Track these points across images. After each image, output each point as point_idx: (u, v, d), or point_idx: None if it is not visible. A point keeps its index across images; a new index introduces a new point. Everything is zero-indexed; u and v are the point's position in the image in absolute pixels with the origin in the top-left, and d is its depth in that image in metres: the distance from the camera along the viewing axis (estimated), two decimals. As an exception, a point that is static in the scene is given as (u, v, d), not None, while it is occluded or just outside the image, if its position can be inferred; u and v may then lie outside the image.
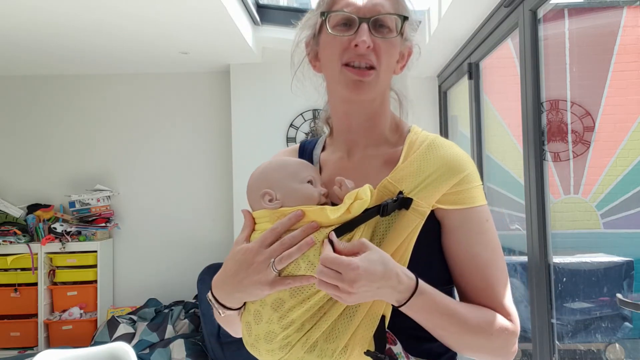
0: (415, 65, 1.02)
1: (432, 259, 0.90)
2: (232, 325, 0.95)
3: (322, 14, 0.92)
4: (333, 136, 1.02)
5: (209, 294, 0.90)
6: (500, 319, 0.85)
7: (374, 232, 0.84)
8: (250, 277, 0.81)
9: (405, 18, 0.92)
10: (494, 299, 0.87)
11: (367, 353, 0.80)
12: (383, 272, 0.76)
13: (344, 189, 0.87)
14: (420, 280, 0.81)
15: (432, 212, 0.88)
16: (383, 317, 0.82)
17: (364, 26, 0.88)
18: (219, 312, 0.89)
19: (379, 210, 0.83)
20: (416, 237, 0.85)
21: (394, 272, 0.77)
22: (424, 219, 0.86)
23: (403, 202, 0.85)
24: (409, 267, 0.82)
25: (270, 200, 0.88)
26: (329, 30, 0.91)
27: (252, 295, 0.83)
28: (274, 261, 0.79)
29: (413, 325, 0.83)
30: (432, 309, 0.81)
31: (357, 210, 0.82)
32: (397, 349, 0.82)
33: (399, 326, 0.84)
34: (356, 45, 0.87)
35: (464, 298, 0.90)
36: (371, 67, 0.89)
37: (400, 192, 0.85)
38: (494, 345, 0.84)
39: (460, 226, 0.88)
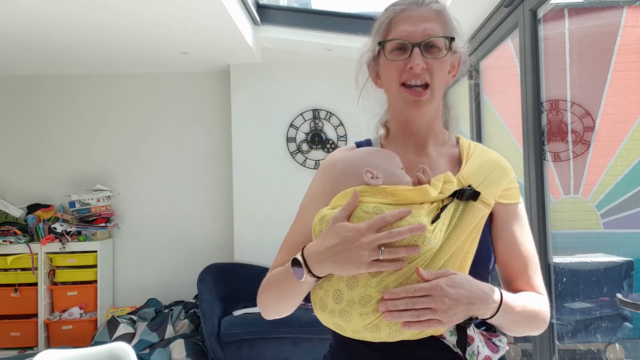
0: (465, 70, 1.18)
1: (489, 247, 1.03)
2: (292, 297, 1.01)
3: (379, 43, 1.06)
4: (390, 138, 1.14)
5: (298, 255, 0.95)
6: (545, 300, 1.04)
7: (451, 219, 0.95)
8: (351, 253, 0.88)
9: (452, 39, 1.05)
10: (536, 281, 1.05)
11: (458, 324, 0.90)
12: (469, 289, 0.88)
13: (426, 175, 0.99)
14: (502, 292, 0.94)
15: None
16: None
17: (417, 50, 1.01)
18: (299, 276, 0.94)
19: (457, 194, 0.96)
20: (482, 227, 0.98)
21: (479, 288, 0.90)
22: (490, 210, 1.00)
23: (474, 193, 0.98)
24: (476, 254, 0.96)
25: (371, 177, 0.97)
26: (386, 56, 1.04)
27: (345, 270, 0.90)
28: (382, 250, 0.87)
29: None
30: (513, 314, 0.95)
31: (448, 191, 0.95)
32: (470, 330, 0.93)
33: None
34: (411, 68, 1.01)
35: (510, 280, 1.05)
36: (426, 85, 1.02)
37: (470, 186, 0.99)
38: (545, 321, 1.03)
39: (514, 217, 1.06)
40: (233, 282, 3.97)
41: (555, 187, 3.24)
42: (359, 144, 1.16)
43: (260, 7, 3.91)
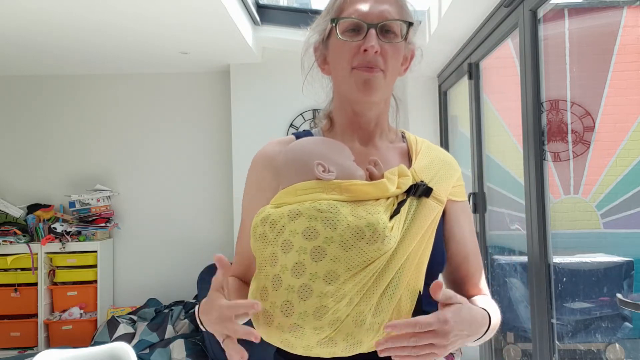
0: (418, 67, 1.08)
1: (442, 247, 0.98)
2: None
3: (332, 20, 0.97)
4: (335, 130, 1.06)
5: (196, 309, 0.92)
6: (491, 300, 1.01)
7: (406, 217, 0.88)
8: (212, 328, 0.85)
9: (410, 24, 0.98)
10: (482, 282, 1.03)
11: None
12: (470, 321, 0.83)
13: (378, 168, 0.92)
14: (490, 313, 0.90)
15: None
16: (420, 293, 0.86)
17: (372, 32, 0.94)
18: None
19: (411, 190, 0.91)
20: (436, 226, 0.92)
21: (476, 318, 0.85)
22: (443, 208, 0.95)
23: (427, 189, 0.92)
24: (431, 254, 0.90)
25: (323, 171, 0.89)
26: (339, 36, 0.96)
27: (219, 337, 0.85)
28: (223, 340, 0.83)
29: (434, 306, 0.90)
30: (492, 332, 0.92)
31: (404, 185, 0.90)
32: None
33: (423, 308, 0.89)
34: (365, 50, 0.93)
35: (461, 282, 1.01)
36: (378, 68, 0.95)
37: (422, 181, 0.93)
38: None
39: (463, 215, 1.02)
40: (233, 282, 3.96)
41: (555, 187, 3.24)
42: (297, 135, 1.07)
43: (260, 7, 3.91)
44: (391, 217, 0.85)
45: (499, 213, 3.06)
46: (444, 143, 3.87)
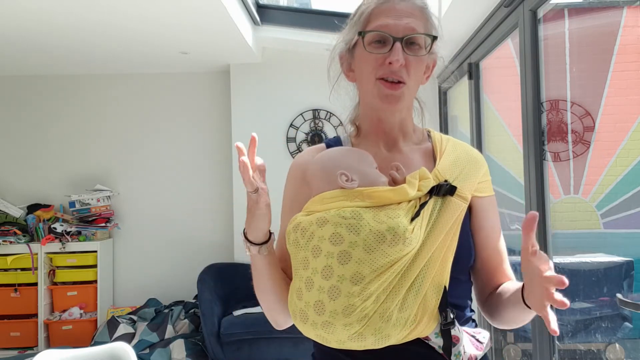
0: (440, 72, 1.13)
1: (469, 241, 1.01)
2: (264, 285, 1.01)
3: (360, 32, 1.01)
4: (361, 136, 1.10)
5: (243, 230, 1.00)
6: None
7: (430, 217, 0.93)
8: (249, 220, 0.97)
9: (434, 38, 1.02)
10: (510, 271, 1.07)
11: (443, 325, 0.90)
12: None
13: (400, 172, 0.98)
14: None
15: None
16: (445, 288, 0.91)
17: (398, 45, 0.97)
18: (246, 249, 0.99)
19: (434, 190, 0.94)
20: (461, 223, 0.96)
21: None
22: (467, 205, 0.98)
23: (451, 188, 0.96)
24: (457, 250, 0.94)
25: (346, 180, 0.94)
26: (366, 49, 1.00)
27: (256, 230, 0.96)
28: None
29: (460, 299, 0.99)
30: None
31: (425, 188, 0.94)
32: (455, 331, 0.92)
33: (450, 301, 0.93)
34: (390, 63, 0.97)
35: (491, 274, 1.05)
36: (401, 82, 0.99)
37: (446, 181, 0.97)
38: None
39: (490, 209, 1.05)
40: (233, 282, 3.97)
41: (555, 187, 3.24)
42: (328, 143, 1.13)
43: (260, 7, 3.91)
44: (412, 219, 0.90)
45: (499, 213, 3.05)
46: (444, 143, 3.87)
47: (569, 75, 3.23)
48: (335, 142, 1.13)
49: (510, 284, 1.01)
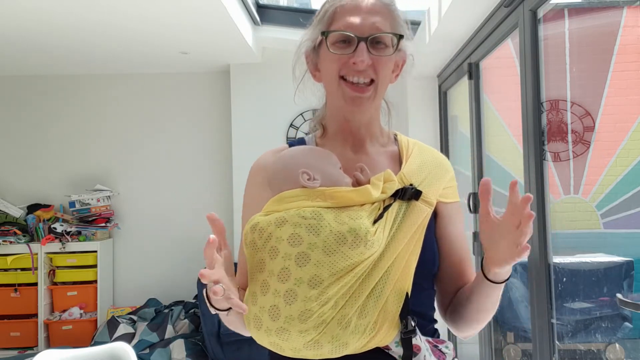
0: (410, 71, 1.08)
1: (434, 247, 0.98)
2: (236, 324, 0.97)
3: (323, 33, 0.97)
4: (327, 136, 1.07)
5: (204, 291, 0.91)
6: None
7: (394, 221, 0.89)
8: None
9: (401, 36, 0.97)
10: (473, 275, 1.03)
11: (403, 333, 0.85)
12: None
13: (365, 174, 0.94)
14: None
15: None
16: (406, 295, 0.87)
17: (362, 45, 0.93)
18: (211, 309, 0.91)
19: (399, 194, 0.92)
20: (425, 229, 0.93)
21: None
22: (432, 210, 0.95)
23: (416, 192, 0.93)
24: (421, 256, 0.91)
25: (308, 179, 0.91)
26: (329, 49, 0.96)
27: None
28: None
29: (423, 307, 0.96)
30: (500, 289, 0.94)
31: (390, 190, 0.91)
32: (416, 340, 0.88)
33: (412, 308, 0.89)
34: (354, 63, 0.93)
35: (457, 278, 1.02)
36: (371, 81, 0.96)
37: (411, 185, 0.94)
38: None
39: (456, 216, 1.03)
40: (233, 282, 3.96)
41: (555, 187, 3.24)
42: (291, 144, 1.09)
43: (260, 7, 3.91)
44: (375, 222, 0.86)
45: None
46: (444, 143, 3.88)
47: (569, 75, 3.23)
48: (300, 142, 1.10)
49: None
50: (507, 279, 0.92)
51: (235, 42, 3.76)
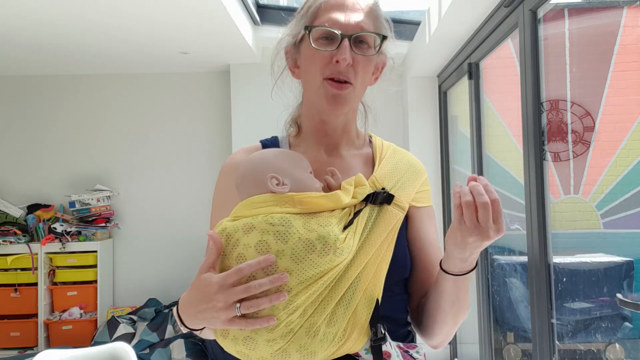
0: (390, 74, 1.06)
1: (406, 252, 0.97)
2: (209, 334, 0.94)
3: (306, 27, 0.96)
4: (301, 136, 1.05)
5: (175, 309, 0.90)
6: None
7: (364, 226, 0.88)
8: (209, 312, 0.80)
9: (384, 37, 0.96)
10: None
11: (373, 341, 0.83)
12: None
13: (336, 178, 0.93)
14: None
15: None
16: (377, 301, 0.85)
17: (346, 43, 0.92)
18: (182, 328, 0.89)
19: (370, 198, 0.89)
20: (397, 233, 0.91)
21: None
22: (404, 214, 0.94)
23: (388, 197, 0.91)
24: (392, 261, 0.89)
25: (277, 184, 0.89)
26: (312, 44, 0.94)
27: (211, 325, 0.83)
28: (239, 305, 0.78)
29: (394, 312, 0.94)
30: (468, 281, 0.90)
31: (361, 195, 0.89)
32: (387, 347, 0.86)
33: (383, 314, 0.88)
34: (337, 62, 0.91)
35: (427, 283, 0.99)
36: (347, 82, 0.93)
37: (383, 188, 0.93)
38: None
39: (428, 220, 1.01)
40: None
41: (555, 187, 3.24)
42: (264, 143, 1.07)
43: (260, 7, 3.91)
44: (345, 228, 0.85)
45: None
46: (444, 143, 3.88)
47: (569, 75, 3.23)
48: (272, 141, 1.08)
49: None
50: (465, 273, 0.87)
51: (235, 42, 3.76)
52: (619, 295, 2.30)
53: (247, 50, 3.96)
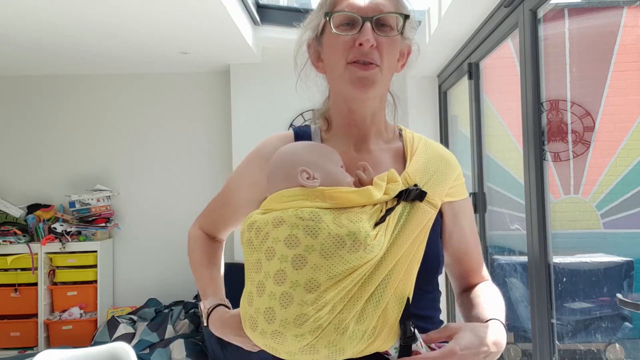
0: (415, 64, 1.05)
1: (439, 250, 0.96)
2: None
3: (326, 14, 0.95)
4: (331, 131, 1.04)
5: (204, 307, 1.02)
6: (494, 285, 1.05)
7: (396, 224, 0.87)
8: (236, 342, 0.97)
9: (406, 17, 0.95)
10: (484, 271, 1.06)
11: (403, 340, 0.83)
12: (479, 344, 0.83)
13: (367, 173, 0.91)
14: (494, 316, 0.91)
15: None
16: (407, 300, 0.85)
17: (367, 25, 0.91)
18: (203, 319, 0.98)
19: (403, 195, 0.88)
20: (429, 231, 0.90)
21: (489, 340, 0.85)
22: (437, 212, 0.92)
23: (421, 194, 0.90)
24: (423, 259, 0.89)
25: (307, 178, 0.88)
26: (333, 30, 0.93)
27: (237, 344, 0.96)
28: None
29: (427, 310, 0.95)
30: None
31: (393, 192, 0.87)
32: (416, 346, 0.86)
33: (415, 312, 0.88)
34: (360, 44, 0.90)
35: (464, 277, 1.04)
36: (373, 63, 0.92)
37: (415, 185, 0.91)
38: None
39: (463, 215, 1.01)
40: (233, 282, 3.96)
41: (555, 187, 3.24)
42: (296, 132, 1.05)
43: (260, 7, 3.91)
44: (376, 225, 0.84)
45: (499, 213, 3.06)
46: (444, 143, 3.88)
47: (569, 75, 3.23)
48: (305, 131, 1.06)
49: (481, 298, 0.99)
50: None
51: (235, 42, 3.75)
52: (619, 295, 2.30)
53: (247, 50, 3.96)
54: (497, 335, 0.86)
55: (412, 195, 0.89)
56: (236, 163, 4.33)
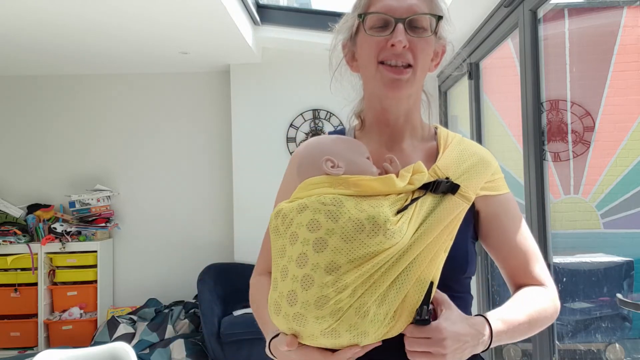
0: (449, 59, 1.07)
1: (467, 248, 0.95)
2: None
3: (359, 15, 0.96)
4: (365, 130, 1.05)
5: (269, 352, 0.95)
6: (549, 292, 0.98)
7: (426, 214, 0.88)
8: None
9: (439, 17, 0.96)
10: (537, 272, 0.99)
11: (415, 321, 0.83)
12: (467, 328, 0.84)
13: (394, 165, 0.92)
14: (490, 318, 0.88)
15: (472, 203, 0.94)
16: (431, 284, 0.85)
17: (400, 26, 0.92)
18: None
19: (431, 186, 0.89)
20: (460, 223, 0.90)
21: (474, 326, 0.85)
22: (469, 205, 0.92)
23: (452, 186, 0.90)
24: (450, 255, 0.88)
25: (332, 167, 0.90)
26: (366, 31, 0.95)
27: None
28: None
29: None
30: (507, 336, 0.90)
31: (418, 182, 0.88)
32: None
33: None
34: (392, 45, 0.92)
35: (512, 276, 1.00)
36: (408, 66, 0.94)
37: (447, 178, 0.92)
38: (553, 314, 0.98)
39: (503, 210, 0.99)
40: (233, 282, 3.97)
41: (555, 187, 3.24)
42: (331, 134, 1.08)
43: (260, 7, 3.91)
44: (398, 212, 0.85)
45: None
46: (444, 143, 3.87)
47: (569, 75, 3.23)
48: (340, 132, 1.08)
49: (515, 298, 0.96)
50: (485, 350, 0.89)
51: (235, 42, 3.76)
52: (619, 295, 2.30)
53: (247, 50, 3.96)
54: (480, 330, 0.86)
55: (443, 187, 0.90)
56: (236, 163, 4.34)
